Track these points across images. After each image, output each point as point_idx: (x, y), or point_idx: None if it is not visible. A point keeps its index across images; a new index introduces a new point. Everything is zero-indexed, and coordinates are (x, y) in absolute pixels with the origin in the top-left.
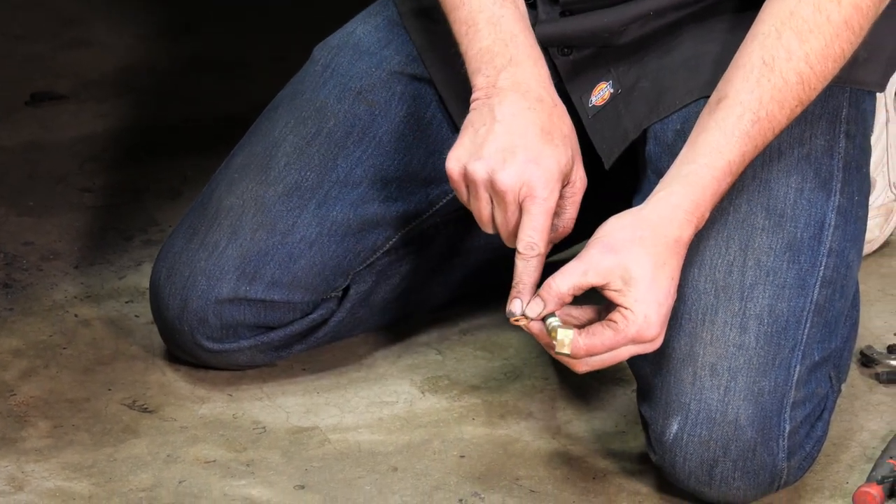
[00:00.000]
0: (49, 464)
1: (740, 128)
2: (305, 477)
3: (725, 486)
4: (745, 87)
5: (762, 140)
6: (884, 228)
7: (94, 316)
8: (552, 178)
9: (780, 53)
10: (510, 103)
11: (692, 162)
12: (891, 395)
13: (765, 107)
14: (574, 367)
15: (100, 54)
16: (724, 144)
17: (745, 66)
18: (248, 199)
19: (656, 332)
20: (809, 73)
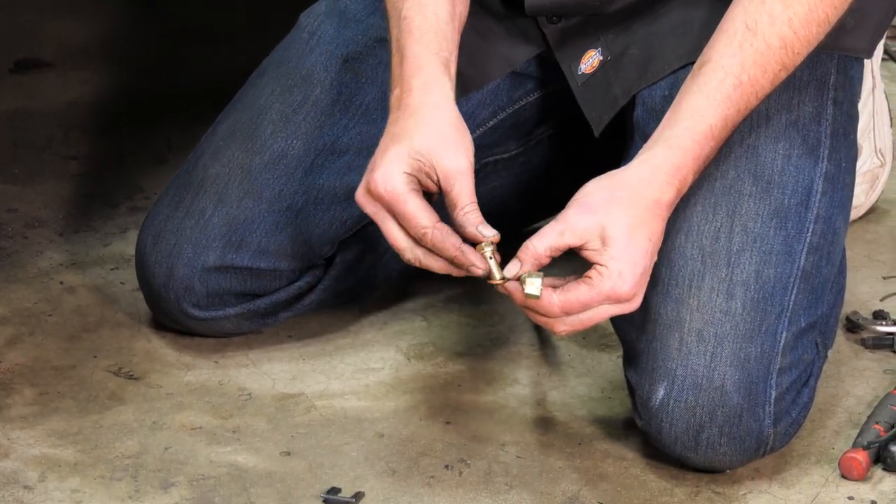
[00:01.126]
0: (35, 431)
1: (722, 91)
2: (291, 443)
3: (711, 451)
4: (727, 51)
5: (745, 104)
6: (869, 195)
7: (80, 283)
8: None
9: (763, 18)
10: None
11: (674, 125)
12: (877, 360)
13: (747, 71)
14: (552, 327)
15: (84, 22)
16: (705, 108)
17: (729, 30)
18: (234, 167)
19: (631, 290)
20: (793, 38)
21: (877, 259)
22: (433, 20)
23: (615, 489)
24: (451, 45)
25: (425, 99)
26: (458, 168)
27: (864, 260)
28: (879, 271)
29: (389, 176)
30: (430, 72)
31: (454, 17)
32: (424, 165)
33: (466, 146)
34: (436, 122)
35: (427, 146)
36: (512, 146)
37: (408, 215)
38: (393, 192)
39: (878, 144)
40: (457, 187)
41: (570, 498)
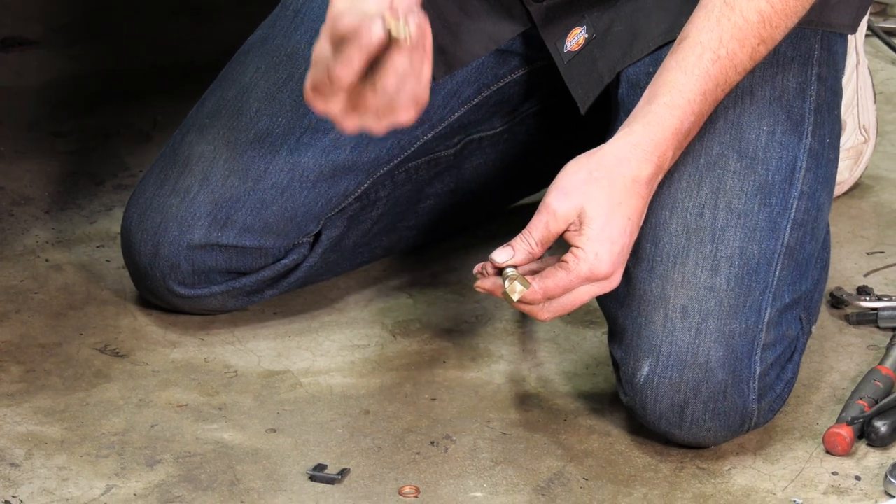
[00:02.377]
0: (21, 408)
1: (700, 66)
2: (277, 420)
3: (696, 427)
4: (705, 26)
5: (724, 79)
6: (853, 170)
7: (66, 261)
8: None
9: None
10: None
11: (652, 101)
12: (860, 336)
13: (725, 45)
14: (536, 315)
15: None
16: (683, 83)
17: (707, 6)
18: (220, 144)
19: (608, 270)
20: (770, 12)
21: (861, 235)
22: None
23: (600, 465)
24: None
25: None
26: None
27: (848, 236)
28: (863, 247)
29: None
30: None
31: None
32: None
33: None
34: None
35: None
36: (497, 123)
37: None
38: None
39: (861, 120)
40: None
41: (556, 474)
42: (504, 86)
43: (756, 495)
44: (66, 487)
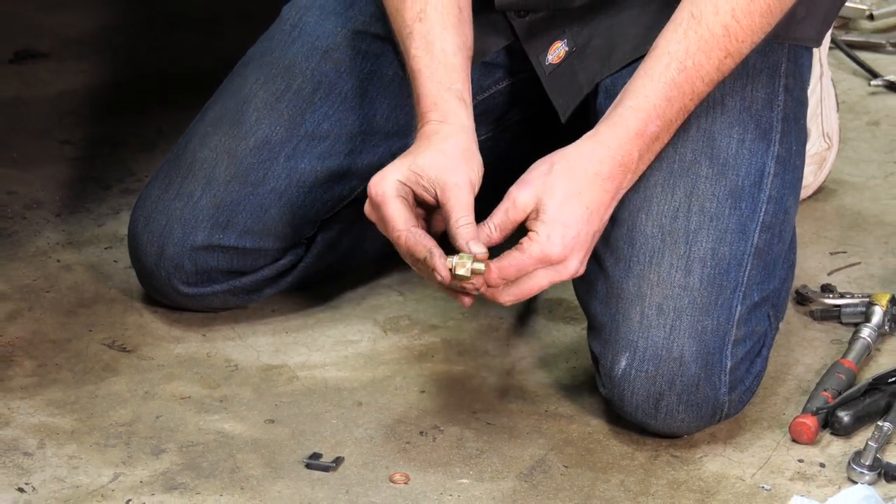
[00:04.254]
0: (34, 401)
1: (667, 75)
2: (275, 412)
3: (670, 418)
4: (673, 38)
5: (690, 87)
6: (817, 175)
7: (76, 261)
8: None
9: (708, 8)
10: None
11: (619, 105)
12: (825, 331)
13: (691, 56)
14: (496, 297)
15: (79, 14)
16: (650, 89)
17: (676, 19)
18: (221, 151)
19: (559, 252)
20: (736, 27)
21: (824, 236)
22: (441, 56)
23: (579, 453)
24: (462, 74)
25: (439, 129)
26: (456, 182)
27: (812, 237)
28: (827, 247)
29: (382, 181)
30: (444, 107)
31: (461, 47)
32: (422, 179)
33: (471, 168)
34: (443, 147)
35: (429, 163)
36: (482, 131)
37: (386, 217)
38: (380, 195)
39: (825, 128)
40: (451, 200)
41: (538, 462)
42: (489, 96)
43: (726, 481)
44: (77, 475)
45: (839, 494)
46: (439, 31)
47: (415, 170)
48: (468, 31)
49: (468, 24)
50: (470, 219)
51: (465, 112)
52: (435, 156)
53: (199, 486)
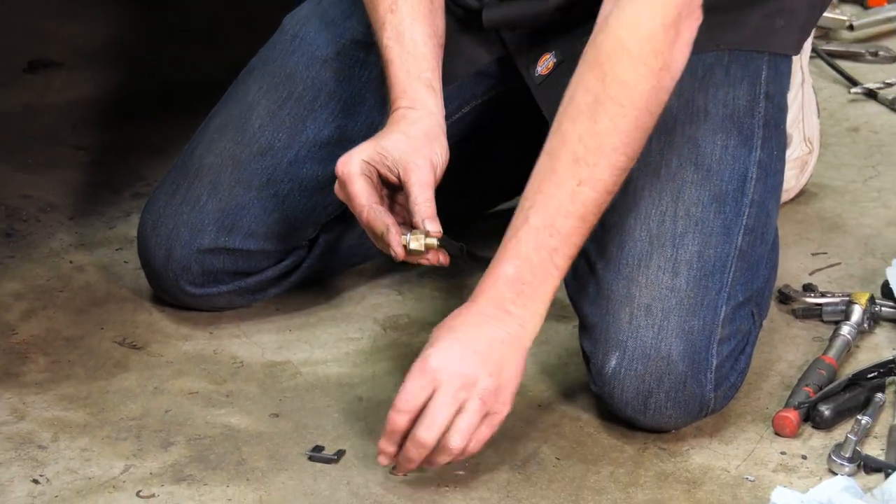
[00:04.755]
0: (48, 396)
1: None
2: (279, 406)
3: (659, 414)
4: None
5: (549, 218)
6: (799, 179)
7: (88, 262)
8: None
9: (556, 140)
10: None
11: (488, 273)
12: (806, 328)
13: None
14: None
15: (89, 25)
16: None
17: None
18: (226, 157)
19: (407, 401)
20: (584, 151)
21: (806, 237)
22: (410, 46)
23: (571, 446)
24: (432, 62)
25: (407, 114)
26: (417, 163)
27: (794, 238)
28: (808, 248)
29: (348, 161)
30: (413, 94)
31: (431, 37)
32: (386, 159)
33: (433, 150)
34: (409, 130)
35: (393, 144)
36: (475, 137)
37: (351, 194)
38: (346, 174)
39: (806, 133)
40: (412, 179)
41: (531, 454)
42: (481, 104)
43: (712, 473)
44: (89, 467)
45: (820, 485)
46: (409, 22)
47: (379, 150)
48: (440, 21)
49: (440, 14)
50: (428, 196)
51: (434, 99)
52: (399, 138)
53: (207, 478)
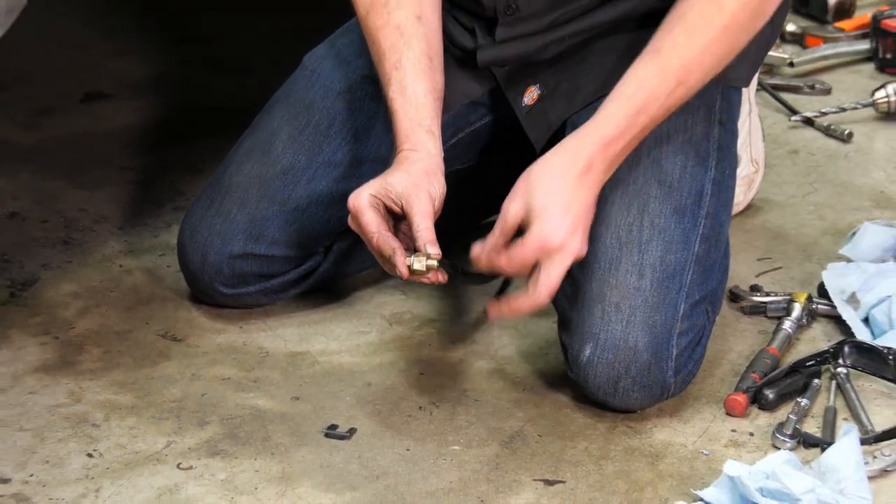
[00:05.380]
0: (100, 381)
1: (626, 93)
2: (300, 390)
3: (626, 396)
4: (637, 66)
5: (644, 106)
6: (747, 194)
7: (135, 266)
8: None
9: (667, 45)
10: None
11: (589, 121)
12: (753, 323)
13: (649, 80)
14: (521, 307)
15: (136, 62)
16: (610, 107)
17: (642, 55)
18: (254, 176)
19: (560, 239)
20: (689, 58)
21: (753, 245)
22: (412, 98)
23: (551, 425)
24: (431, 112)
25: (409, 155)
26: (418, 196)
27: (743, 245)
28: (755, 255)
29: (358, 195)
30: (415, 139)
31: (431, 91)
32: (391, 193)
33: (431, 185)
34: (411, 168)
35: (396, 181)
36: (469, 159)
37: (362, 224)
38: (357, 206)
39: (753, 155)
40: (414, 209)
41: (516, 432)
42: (474, 130)
43: (672, 447)
44: (136, 443)
45: (765, 459)
46: (412, 78)
47: (385, 186)
48: (438, 77)
49: (439, 71)
50: (428, 224)
51: (433, 142)
52: (402, 175)
53: (237, 452)
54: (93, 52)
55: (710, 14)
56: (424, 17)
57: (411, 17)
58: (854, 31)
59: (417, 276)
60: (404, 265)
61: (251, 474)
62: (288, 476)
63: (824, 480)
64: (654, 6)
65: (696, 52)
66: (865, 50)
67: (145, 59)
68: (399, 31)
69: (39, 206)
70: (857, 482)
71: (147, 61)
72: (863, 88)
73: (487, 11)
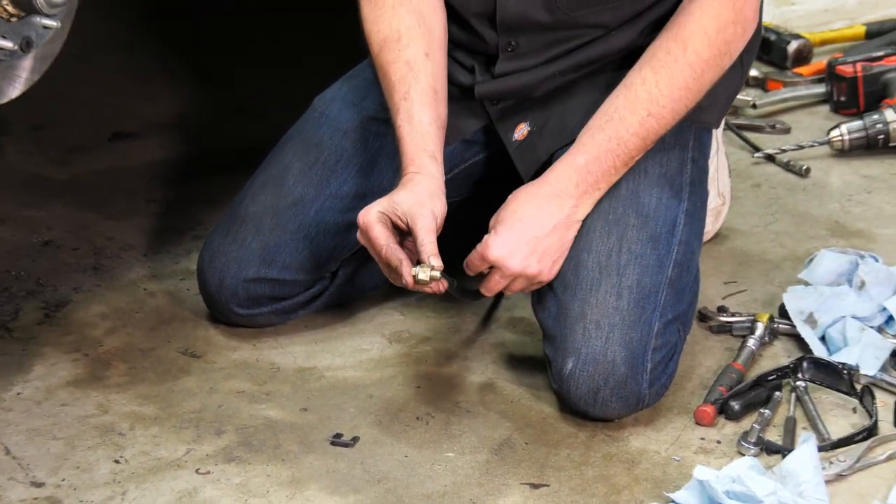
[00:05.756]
0: (126, 394)
1: (598, 124)
2: (308, 402)
3: (605, 407)
4: (609, 100)
5: (616, 135)
6: (715, 224)
7: (158, 289)
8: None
9: (637, 80)
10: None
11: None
12: (720, 341)
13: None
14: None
15: (160, 103)
16: (585, 138)
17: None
18: (267, 207)
19: (498, 256)
20: (657, 93)
21: (720, 270)
22: (418, 126)
23: (536, 433)
24: (435, 139)
25: (414, 177)
26: (422, 213)
27: (711, 271)
28: (722, 279)
29: (367, 212)
30: (419, 162)
31: (435, 120)
32: (397, 210)
33: (434, 204)
34: (415, 189)
35: (402, 199)
36: (464, 193)
37: (371, 238)
38: (367, 222)
39: (720, 189)
40: (418, 226)
41: (505, 440)
42: (469, 165)
43: (647, 454)
44: (158, 450)
45: (731, 464)
46: (418, 108)
47: (392, 204)
48: (442, 108)
49: (443, 104)
50: (431, 239)
51: (435, 166)
52: (407, 195)
53: (251, 459)
54: (120, 95)
55: (675, 52)
56: (432, 54)
57: (420, 54)
58: (811, 76)
59: (421, 286)
60: (410, 275)
61: (263, 479)
62: (297, 480)
63: (785, 484)
64: (634, 44)
65: (662, 85)
66: (821, 93)
67: (167, 101)
68: (408, 66)
69: (71, 235)
70: (815, 486)
71: (169, 104)
72: (819, 128)
73: (490, 49)
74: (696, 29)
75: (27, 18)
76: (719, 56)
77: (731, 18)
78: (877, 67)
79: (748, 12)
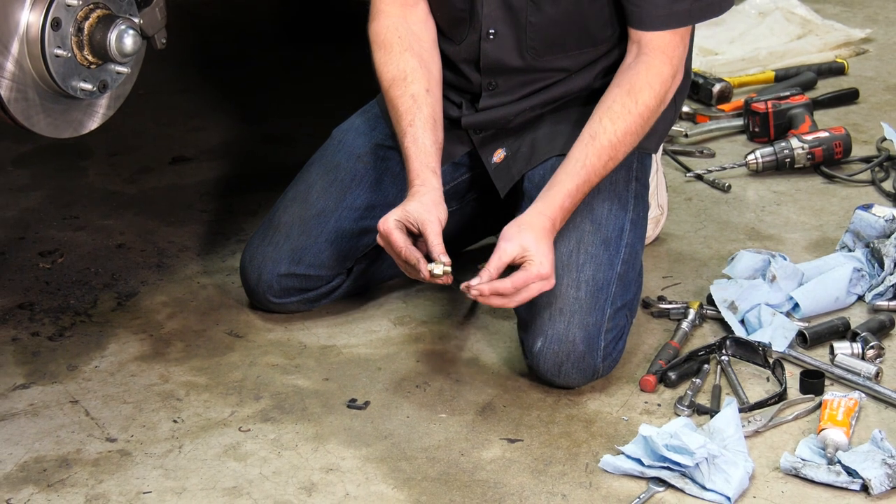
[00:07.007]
0: (183, 367)
1: (575, 171)
2: (329, 373)
3: (567, 377)
4: (580, 149)
5: (587, 179)
6: (655, 230)
7: (209, 283)
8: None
9: (600, 131)
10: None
11: (549, 190)
12: (660, 324)
13: (589, 159)
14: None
15: (211, 133)
16: (566, 181)
17: (582, 137)
18: (296, 217)
19: (549, 270)
20: (616, 141)
21: (659, 267)
22: (422, 147)
23: (512, 398)
24: (435, 158)
25: (420, 189)
26: (430, 220)
27: (652, 267)
28: (661, 274)
29: (386, 220)
30: (424, 177)
31: (435, 142)
32: (409, 217)
33: (439, 212)
34: (422, 199)
35: (413, 208)
36: (453, 206)
37: (392, 242)
38: (387, 229)
39: (659, 201)
40: (428, 230)
41: (487, 403)
42: (456, 183)
43: (601, 414)
44: (209, 412)
45: (669, 423)
46: (422, 132)
47: (405, 213)
48: (440, 134)
49: (440, 130)
50: (439, 240)
51: (436, 180)
52: (417, 204)
53: (283, 419)
54: (178, 127)
55: (629, 105)
56: (431, 90)
57: (422, 89)
58: (731, 111)
59: (435, 279)
60: (427, 270)
61: (293, 435)
62: (320, 436)
63: (712, 439)
64: (591, 86)
65: (620, 134)
66: (740, 125)
67: (215, 133)
68: (413, 99)
69: (140, 239)
70: (737, 440)
71: (216, 135)
72: (738, 153)
73: (475, 87)
74: (643, 85)
75: (104, 66)
76: (662, 104)
77: (671, 73)
78: (784, 104)
79: (681, 66)
